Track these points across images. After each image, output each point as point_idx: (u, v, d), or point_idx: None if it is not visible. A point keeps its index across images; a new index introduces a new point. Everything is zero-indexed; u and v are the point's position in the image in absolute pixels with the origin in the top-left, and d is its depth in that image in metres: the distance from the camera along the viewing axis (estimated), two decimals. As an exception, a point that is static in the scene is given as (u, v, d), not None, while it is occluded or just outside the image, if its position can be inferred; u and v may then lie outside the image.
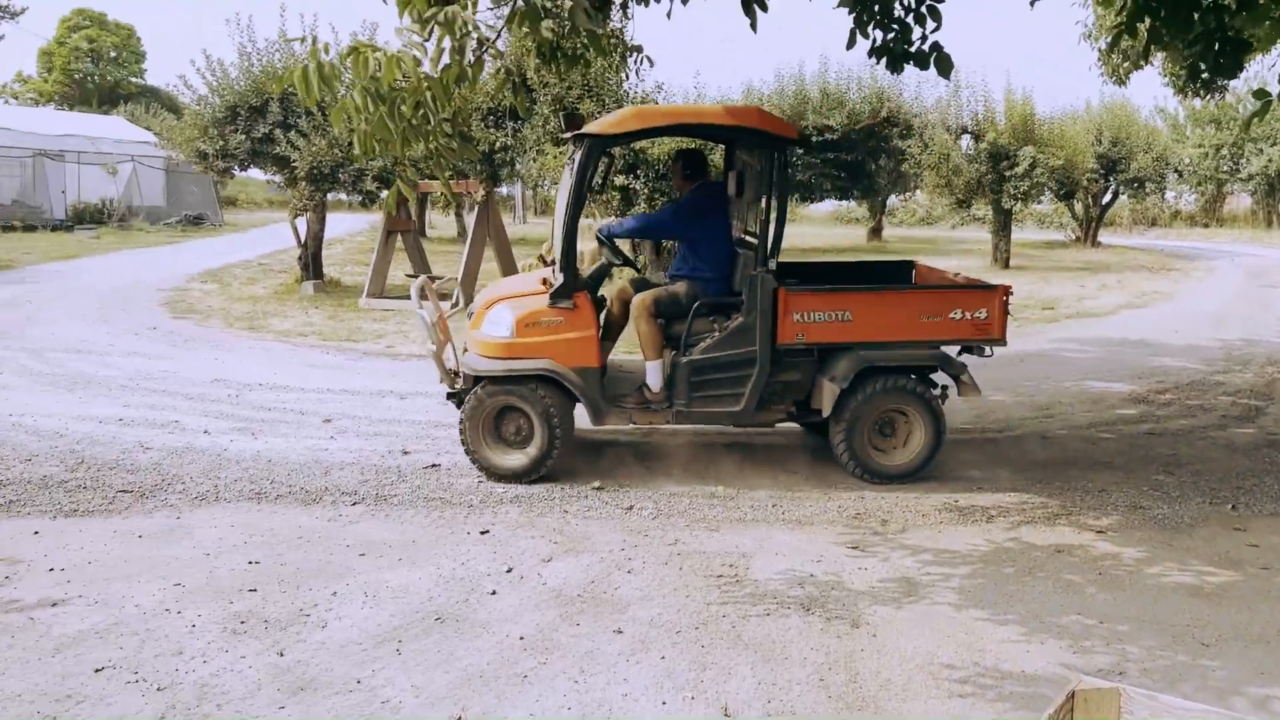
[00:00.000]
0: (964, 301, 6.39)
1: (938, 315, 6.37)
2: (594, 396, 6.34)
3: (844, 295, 6.42)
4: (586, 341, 6.31)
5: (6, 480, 6.26)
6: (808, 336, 6.35)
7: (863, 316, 6.35)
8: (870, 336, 6.36)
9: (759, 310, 6.28)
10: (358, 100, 4.07)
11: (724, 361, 6.37)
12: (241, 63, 16.46)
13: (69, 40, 55.23)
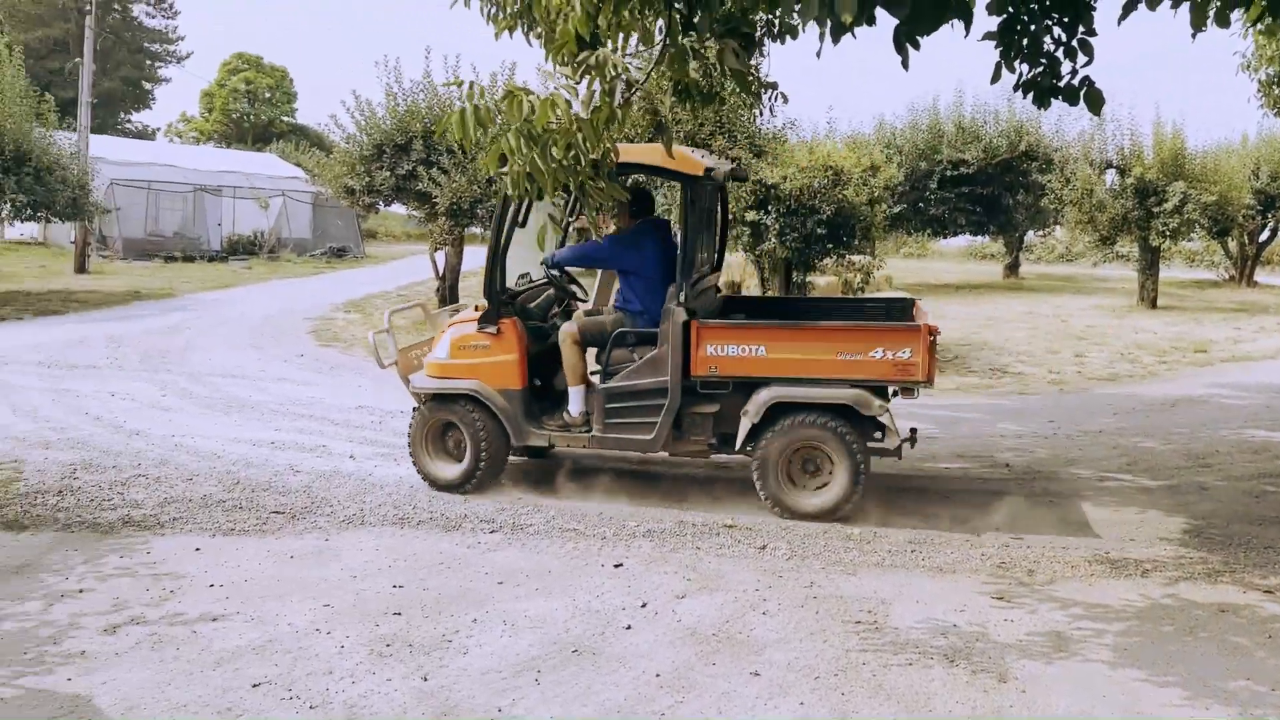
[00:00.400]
0: (886, 340, 6.24)
1: (857, 353, 6.26)
2: (515, 417, 6.71)
3: (756, 330, 6.49)
4: (509, 365, 6.75)
5: (171, 498, 6.63)
6: (721, 369, 6.42)
7: (777, 352, 6.37)
8: (784, 372, 6.35)
9: (670, 342, 6.41)
10: (512, 142, 4.20)
11: (638, 390, 6.56)
12: (388, 102, 17.20)
13: (228, 82, 58.80)
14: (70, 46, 54.59)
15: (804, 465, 6.44)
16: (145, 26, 61.73)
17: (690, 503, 6.68)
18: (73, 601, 4.88)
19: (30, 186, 18.68)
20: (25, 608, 4.80)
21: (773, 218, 12.52)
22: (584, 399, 6.79)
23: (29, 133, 19.04)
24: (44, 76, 43.33)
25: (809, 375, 6.34)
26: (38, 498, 6.61)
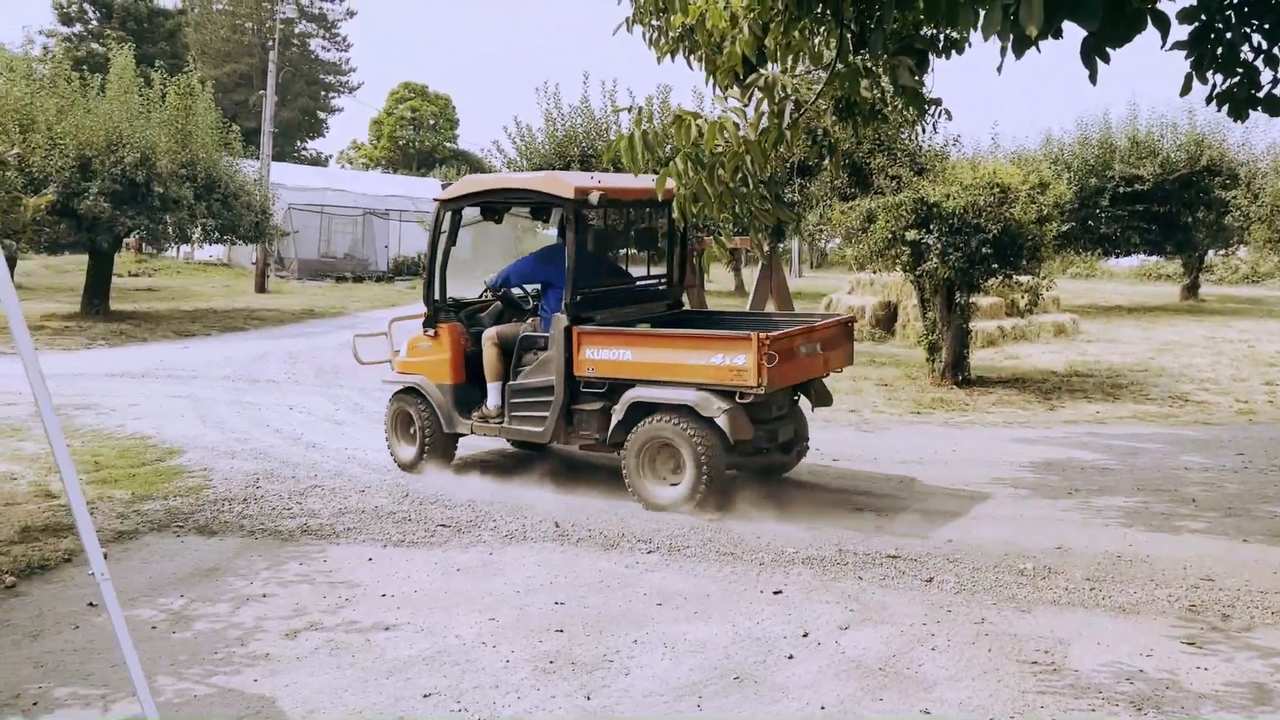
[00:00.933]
0: (723, 348, 6.69)
1: (701, 359, 6.76)
2: (447, 407, 7.76)
3: (622, 335, 7.15)
4: (444, 363, 7.78)
5: (345, 509, 6.93)
6: (597, 371, 7.13)
7: (639, 356, 7.01)
8: (645, 375, 6.98)
9: (556, 346, 7.20)
10: (680, 166, 4.22)
11: (533, 388, 7.40)
12: (547, 127, 17.66)
13: (395, 110, 61.65)
14: (254, 80, 58.43)
15: (665, 461, 7.00)
16: (321, 60, 65.46)
17: (850, 530, 6.52)
18: (257, 605, 5.15)
19: (219, 211, 20.01)
20: (215, 609, 5.09)
21: (934, 237, 12.18)
22: (499, 394, 7.60)
23: (218, 161, 20.42)
24: (231, 108, 46.52)
25: (664, 378, 6.93)
26: (225, 505, 7.03)
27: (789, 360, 6.82)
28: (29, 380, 2.65)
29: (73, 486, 2.71)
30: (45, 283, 26.63)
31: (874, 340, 19.54)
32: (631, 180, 6.98)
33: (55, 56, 22.52)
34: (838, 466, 8.42)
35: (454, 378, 7.76)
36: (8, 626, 4.86)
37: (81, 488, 7.08)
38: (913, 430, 10.23)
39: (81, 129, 17.95)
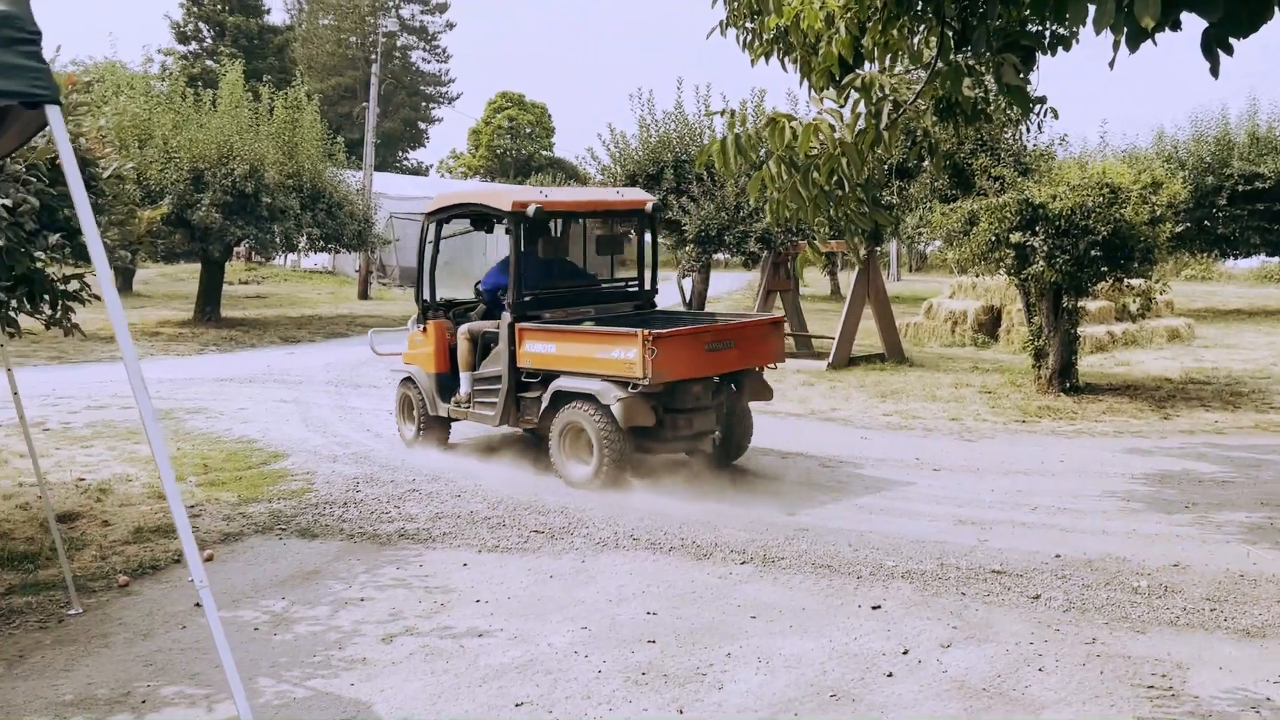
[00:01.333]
0: (618, 343, 7.45)
1: (604, 353, 7.54)
2: (431, 393, 8.88)
3: (549, 331, 8.02)
4: (429, 355, 8.90)
5: (442, 513, 7.01)
6: (533, 363, 8.07)
7: (562, 350, 7.87)
8: (565, 366, 7.84)
9: (504, 342, 8.17)
10: (773, 169, 4.13)
11: (489, 378, 8.45)
12: (641, 134, 17.69)
13: (493, 120, 62.67)
14: (358, 92, 60.09)
15: (580, 443, 7.77)
16: (422, 71, 66.97)
17: (952, 543, 6.32)
18: (355, 609, 5.23)
19: (323, 221, 20.61)
20: (315, 612, 5.19)
21: (1040, 239, 11.78)
22: (470, 383, 8.61)
23: (323, 172, 21.04)
24: (335, 120, 47.92)
25: (579, 370, 7.75)
26: (326, 508, 7.18)
27: (680, 355, 7.49)
28: (133, 391, 2.71)
29: (174, 497, 2.76)
30: (162, 290, 27.79)
31: (977, 346, 19.03)
32: (589, 193, 8.58)
33: (172, 74, 23.52)
34: (938, 476, 8.18)
35: (438, 367, 8.90)
36: (120, 625, 5.03)
37: (189, 491, 7.31)
38: (1017, 439, 9.90)
39: (195, 142, 18.70)
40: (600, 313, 8.82)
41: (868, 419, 11.08)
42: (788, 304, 17.26)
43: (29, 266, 5.50)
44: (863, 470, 8.42)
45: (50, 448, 9.21)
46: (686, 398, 7.72)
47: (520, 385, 8.19)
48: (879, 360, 15.56)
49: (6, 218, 5.15)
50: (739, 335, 8.09)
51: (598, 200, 9.40)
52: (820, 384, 13.54)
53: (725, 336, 7.98)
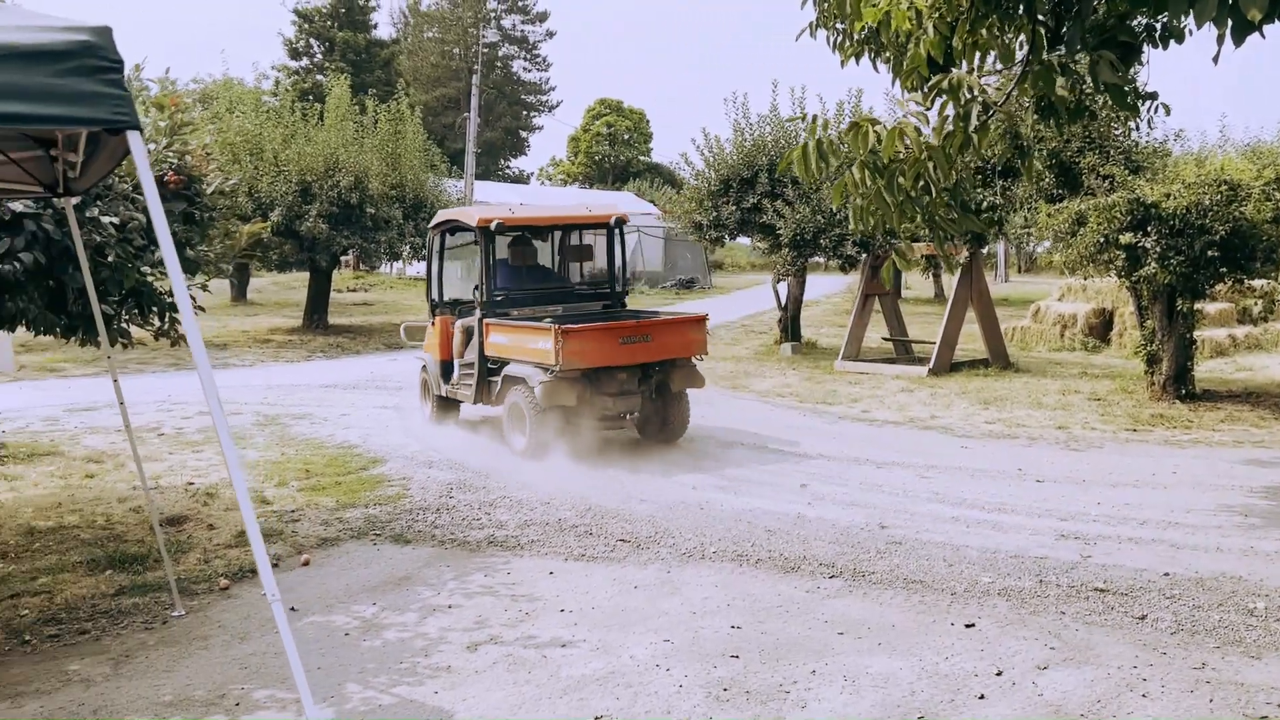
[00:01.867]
0: (541, 336, 8.89)
1: (533, 344, 9.00)
2: (435, 375, 10.58)
3: (502, 326, 9.54)
4: (434, 344, 10.57)
5: (531, 520, 7.07)
6: (495, 352, 9.62)
7: (510, 341, 9.39)
8: (513, 355, 9.34)
9: (477, 334, 9.74)
10: (855, 175, 4.03)
11: (467, 364, 10.04)
12: (736, 138, 17.58)
13: (592, 127, 63.25)
14: (461, 103, 61.35)
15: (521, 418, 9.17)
16: (522, 81, 68.01)
17: (1052, 559, 6.08)
18: (443, 616, 5.30)
19: (425, 230, 21.07)
20: (404, 619, 5.27)
21: (1153, 240, 11.27)
22: (458, 368, 10.25)
23: (424, 182, 21.52)
24: (440, 131, 49.06)
25: (521, 358, 9.19)
26: (420, 514, 7.31)
27: (591, 347, 8.87)
28: (208, 402, 2.78)
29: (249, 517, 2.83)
30: (274, 298, 28.83)
31: (1087, 350, 18.34)
32: (554, 210, 11.08)
33: (284, 89, 24.39)
34: (1041, 488, 7.89)
35: (441, 355, 10.44)
36: (220, 628, 5.20)
37: (290, 496, 7.50)
38: (1127, 449, 9.48)
39: (303, 155, 19.34)
40: (568, 311, 10.22)
41: (968, 427, 10.77)
42: (887, 308, 16.92)
43: (137, 280, 5.75)
44: (961, 481, 8.17)
45: (164, 451, 9.62)
46: (610, 383, 9.09)
47: (488, 371, 9.75)
48: (982, 366, 15.12)
49: (115, 235, 5.39)
50: (655, 330, 9.39)
51: (561, 216, 11.07)
52: (920, 391, 13.22)
53: (640, 331, 9.29)
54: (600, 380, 9.01)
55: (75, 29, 2.43)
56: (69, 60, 2.38)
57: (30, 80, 2.32)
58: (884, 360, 16.20)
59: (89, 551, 6.35)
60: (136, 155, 2.45)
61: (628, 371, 9.18)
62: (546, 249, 11.03)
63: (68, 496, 7.83)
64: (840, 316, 26.73)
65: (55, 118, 2.38)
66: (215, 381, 2.77)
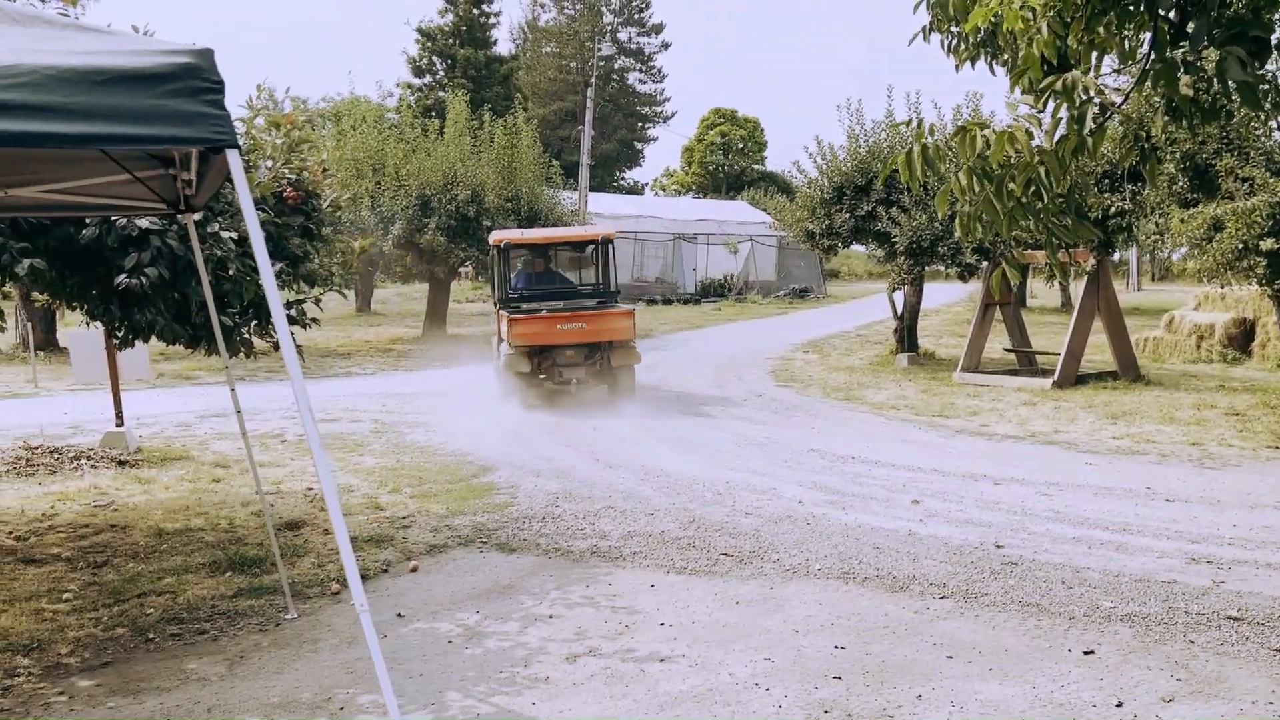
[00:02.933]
0: (503, 323, 12.76)
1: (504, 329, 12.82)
2: (496, 351, 13.64)
3: (501, 316, 12.92)
4: (495, 333, 13.75)
5: (634, 531, 7.06)
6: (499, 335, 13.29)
7: (501, 327, 12.88)
8: (502, 336, 12.91)
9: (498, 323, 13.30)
10: (963, 181, 3.88)
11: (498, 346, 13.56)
12: (849, 145, 17.30)
13: (706, 136, 63.27)
14: (578, 115, 62.17)
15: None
16: (637, 92, 68.55)
17: (1182, 584, 5.73)
18: (543, 626, 5.32)
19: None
20: (505, 628, 5.32)
21: (1296, 246, 10.61)
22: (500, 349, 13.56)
23: (539, 194, 21.89)
24: (556, 144, 49.80)
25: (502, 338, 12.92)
26: (525, 523, 7.38)
27: (534, 330, 12.61)
28: (300, 412, 2.84)
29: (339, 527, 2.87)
30: (396, 309, 29.75)
31: (1225, 362, 17.36)
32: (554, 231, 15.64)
33: (409, 105, 25.17)
34: (1170, 508, 7.47)
35: (498, 341, 13.40)
36: (329, 631, 5.34)
37: (403, 502, 7.67)
38: (1268, 469, 8.91)
39: (423, 170, 19.91)
40: (567, 306, 13.48)
41: (1093, 443, 10.29)
42: (1009, 318, 16.36)
43: (256, 293, 5.97)
44: (1083, 499, 7.81)
45: (286, 457, 9.98)
46: (559, 356, 12.80)
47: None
48: (1110, 378, 14.45)
49: (236, 249, 5.62)
50: (589, 319, 12.88)
51: (557, 236, 15.11)
52: (1043, 404, 12.72)
53: (574, 320, 12.81)
54: (551, 354, 12.75)
55: (178, 51, 2.53)
56: (172, 82, 2.48)
57: (137, 102, 2.43)
58: (1006, 372, 15.65)
59: (211, 554, 6.62)
60: (235, 173, 2.54)
61: (573, 349, 12.78)
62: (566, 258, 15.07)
63: (195, 500, 8.19)
64: (960, 326, 26.00)
65: (160, 137, 2.49)
66: (308, 391, 2.82)
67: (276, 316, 2.66)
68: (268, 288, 2.62)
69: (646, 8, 69.04)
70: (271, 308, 2.66)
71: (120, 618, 5.51)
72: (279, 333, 2.70)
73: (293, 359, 2.76)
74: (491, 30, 57.20)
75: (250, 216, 2.56)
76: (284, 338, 2.69)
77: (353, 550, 6.71)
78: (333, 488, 3.24)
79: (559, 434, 11.04)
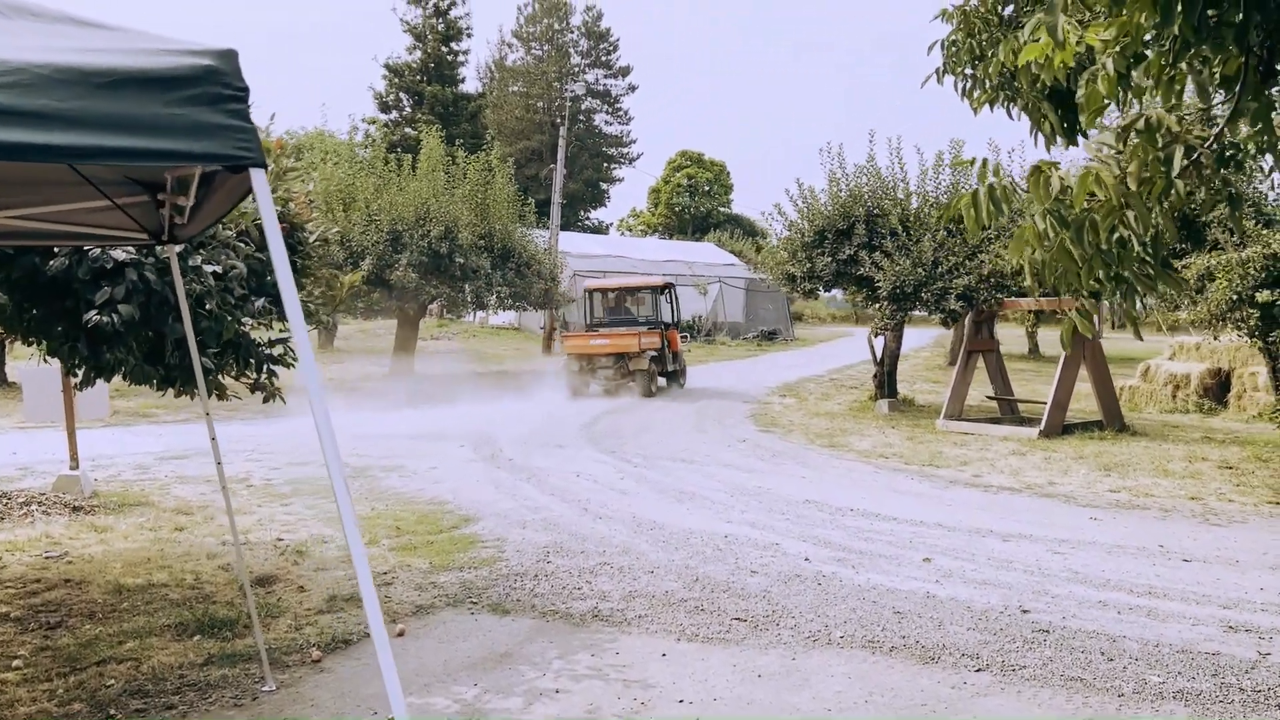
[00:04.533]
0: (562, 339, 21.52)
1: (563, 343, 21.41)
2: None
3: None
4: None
5: (636, 591, 6.61)
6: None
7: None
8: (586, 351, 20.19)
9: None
10: (1039, 225, 3.55)
11: None
12: (830, 188, 17.15)
13: (673, 178, 63.45)
14: (543, 155, 62.13)
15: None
16: (604, 133, 68.71)
17: (1227, 654, 5.40)
18: (550, 702, 4.85)
19: (513, 280, 21.03)
20: (508, 704, 4.84)
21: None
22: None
23: (513, 232, 21.50)
24: (523, 182, 49.61)
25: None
26: (517, 580, 6.90)
27: (575, 343, 19.71)
28: (325, 458, 2.40)
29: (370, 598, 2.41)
30: (360, 345, 29.10)
31: (1202, 412, 17.31)
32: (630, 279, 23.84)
33: (375, 141, 24.74)
34: (1190, 569, 7.17)
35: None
36: (313, 707, 4.83)
37: (382, 555, 7.16)
38: (1274, 525, 8.68)
39: (394, 205, 19.46)
40: (626, 330, 19.68)
41: (1092, 495, 10.03)
42: (991, 365, 16.19)
43: (236, 331, 5.51)
44: (1098, 558, 7.49)
45: (253, 504, 9.42)
46: (598, 362, 19.24)
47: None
48: (1096, 428, 14.29)
49: (216, 284, 5.16)
50: (612, 338, 19.29)
51: (631, 284, 22.00)
52: (1032, 454, 12.48)
53: (603, 337, 19.39)
54: (591, 360, 19.45)
55: (196, 52, 2.11)
56: (188, 88, 2.06)
57: (144, 110, 2.01)
58: (988, 420, 15.45)
59: (177, 614, 6.06)
60: (260, 196, 2.12)
61: (607, 357, 19.24)
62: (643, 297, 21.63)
63: (157, 551, 7.62)
64: (932, 372, 25.94)
65: (172, 153, 2.06)
66: (335, 435, 2.38)
67: (302, 349, 2.22)
68: (293, 319, 2.18)
69: (614, 50, 69.49)
70: (297, 339, 2.22)
71: (77, 690, 4.95)
72: (303, 366, 2.26)
73: (319, 395, 2.31)
74: (459, 68, 57.18)
75: (276, 243, 2.13)
76: (311, 372, 2.25)
77: (331, 611, 6.20)
78: (362, 553, 2.78)
79: (542, 481, 10.57)
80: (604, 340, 19.10)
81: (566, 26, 69.09)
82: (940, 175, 16.65)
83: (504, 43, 69.96)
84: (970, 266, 15.09)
